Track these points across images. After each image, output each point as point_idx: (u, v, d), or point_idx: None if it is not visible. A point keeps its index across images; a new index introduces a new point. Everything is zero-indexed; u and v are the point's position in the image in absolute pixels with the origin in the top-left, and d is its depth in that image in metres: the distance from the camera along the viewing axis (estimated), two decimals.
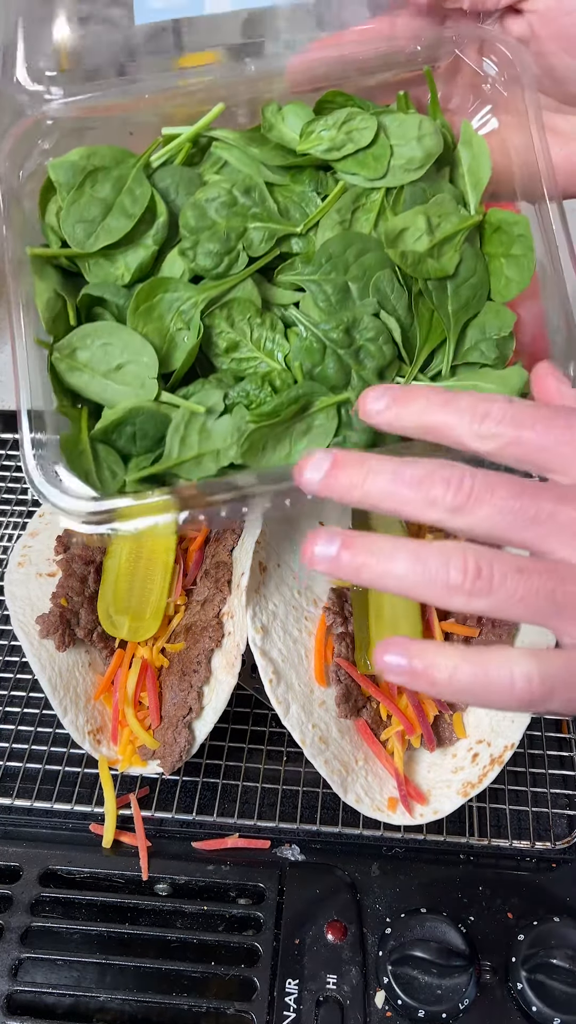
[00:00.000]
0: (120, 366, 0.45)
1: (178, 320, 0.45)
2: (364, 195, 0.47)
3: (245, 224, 0.46)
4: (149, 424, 0.44)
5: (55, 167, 0.46)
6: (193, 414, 0.44)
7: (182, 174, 0.47)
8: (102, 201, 0.46)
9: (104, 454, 0.44)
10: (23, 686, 0.60)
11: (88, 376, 0.45)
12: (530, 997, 0.45)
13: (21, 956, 0.48)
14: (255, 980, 0.47)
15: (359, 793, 0.51)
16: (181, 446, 0.44)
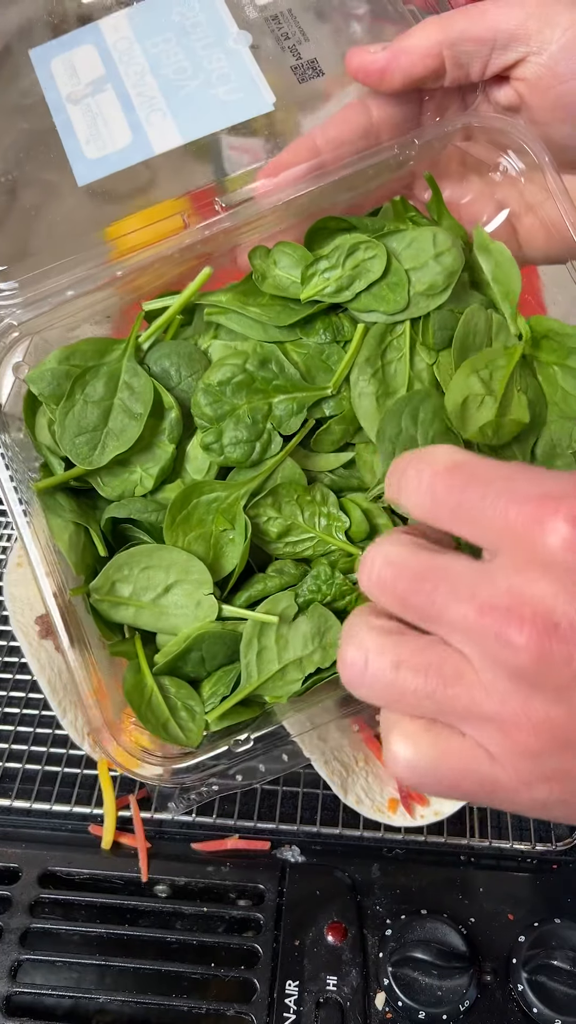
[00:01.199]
0: (168, 588, 0.40)
1: (221, 521, 0.40)
2: (388, 331, 0.41)
3: (269, 400, 0.40)
4: (218, 646, 0.39)
5: (34, 379, 0.40)
6: (265, 624, 0.39)
7: (179, 350, 0.41)
8: (97, 404, 0.40)
9: (175, 690, 0.40)
10: (22, 687, 0.60)
11: (135, 609, 0.40)
12: (531, 998, 0.45)
13: (20, 957, 0.48)
14: (255, 981, 0.47)
15: (359, 794, 0.51)
16: (259, 662, 0.39)
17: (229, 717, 0.39)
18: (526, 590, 0.26)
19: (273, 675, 0.39)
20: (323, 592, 0.40)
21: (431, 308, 0.41)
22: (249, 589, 0.40)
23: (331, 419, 0.41)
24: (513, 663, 0.25)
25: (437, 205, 0.44)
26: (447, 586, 0.27)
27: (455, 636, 0.27)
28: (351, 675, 0.28)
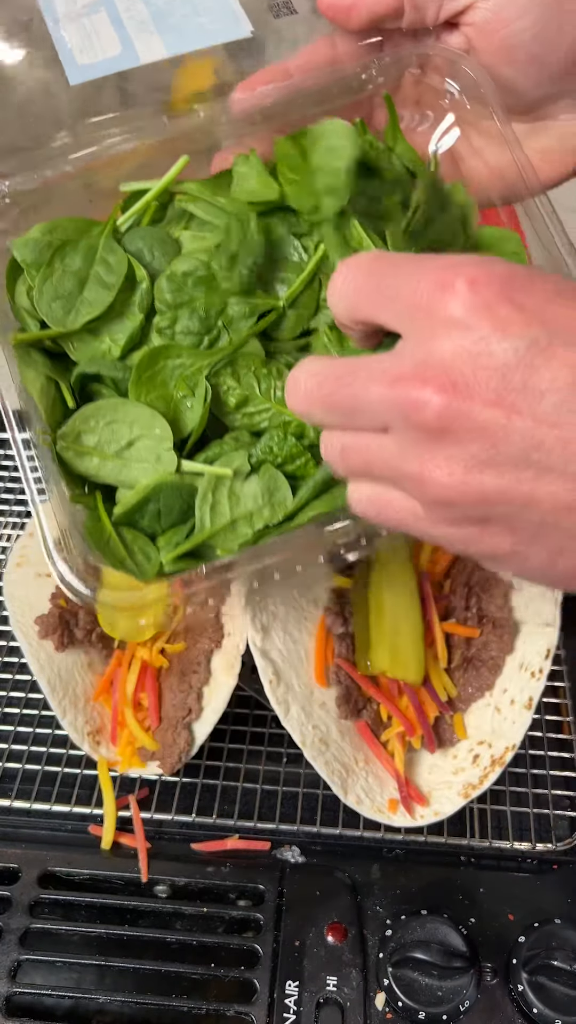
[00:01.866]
0: (131, 443, 0.43)
1: (182, 386, 0.43)
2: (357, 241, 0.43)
3: (224, 300, 0.44)
4: (173, 498, 0.42)
5: (19, 246, 0.43)
6: (219, 479, 0.42)
7: (153, 235, 0.45)
8: (75, 274, 0.44)
9: (131, 539, 0.42)
10: (22, 687, 0.59)
11: (98, 460, 0.43)
12: (531, 999, 0.45)
13: (20, 958, 0.48)
14: (255, 982, 0.47)
15: (359, 794, 0.51)
16: (212, 515, 0.42)
17: (182, 563, 0.42)
18: (430, 357, 0.30)
19: (224, 527, 0.42)
20: (275, 453, 0.43)
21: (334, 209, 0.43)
22: (206, 452, 0.43)
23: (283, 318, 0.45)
24: (422, 423, 0.30)
25: (392, 127, 0.47)
26: (364, 374, 0.32)
27: (377, 417, 0.32)
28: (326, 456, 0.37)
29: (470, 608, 0.56)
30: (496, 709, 0.53)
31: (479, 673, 0.54)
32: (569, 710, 0.58)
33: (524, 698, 0.52)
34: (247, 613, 0.52)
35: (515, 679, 0.53)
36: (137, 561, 0.42)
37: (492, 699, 0.53)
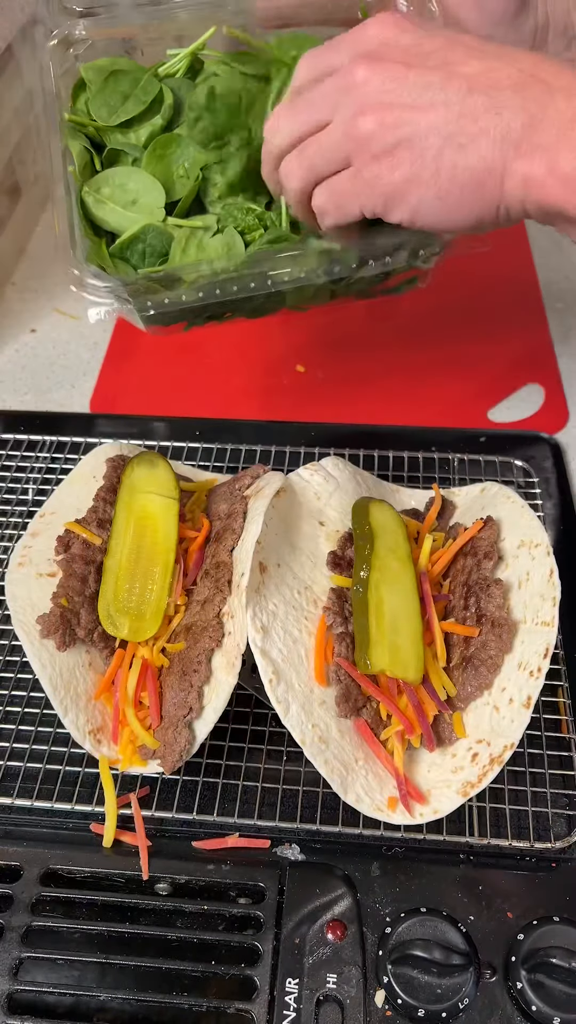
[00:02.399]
0: (135, 200, 0.59)
1: (182, 170, 0.60)
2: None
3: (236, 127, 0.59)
4: (157, 241, 0.58)
5: (87, 68, 0.61)
6: (192, 232, 0.58)
7: (183, 83, 0.61)
8: (122, 93, 0.61)
9: (120, 267, 0.58)
10: (24, 686, 0.60)
11: (110, 208, 0.59)
12: (530, 996, 0.45)
13: (22, 956, 0.48)
14: (255, 979, 0.47)
15: (359, 793, 0.51)
16: (182, 255, 0.57)
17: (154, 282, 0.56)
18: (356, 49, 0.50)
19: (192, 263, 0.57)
20: (237, 220, 0.59)
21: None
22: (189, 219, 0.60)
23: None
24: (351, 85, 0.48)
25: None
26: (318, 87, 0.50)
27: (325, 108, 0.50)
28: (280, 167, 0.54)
29: (469, 607, 0.56)
30: (495, 708, 0.53)
31: (478, 672, 0.54)
32: (567, 709, 0.58)
33: (523, 697, 0.52)
34: (247, 612, 0.52)
35: (514, 678, 0.53)
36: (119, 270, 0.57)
37: (491, 698, 0.53)
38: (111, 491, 0.63)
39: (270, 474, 0.62)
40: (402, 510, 0.66)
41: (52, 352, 0.87)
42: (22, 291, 0.94)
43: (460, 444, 0.75)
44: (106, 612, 0.57)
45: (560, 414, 0.79)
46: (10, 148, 0.92)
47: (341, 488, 0.63)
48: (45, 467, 0.73)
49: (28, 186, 0.99)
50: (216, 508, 0.64)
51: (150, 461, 0.64)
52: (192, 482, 0.68)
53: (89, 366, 0.86)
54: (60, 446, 0.75)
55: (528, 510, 0.60)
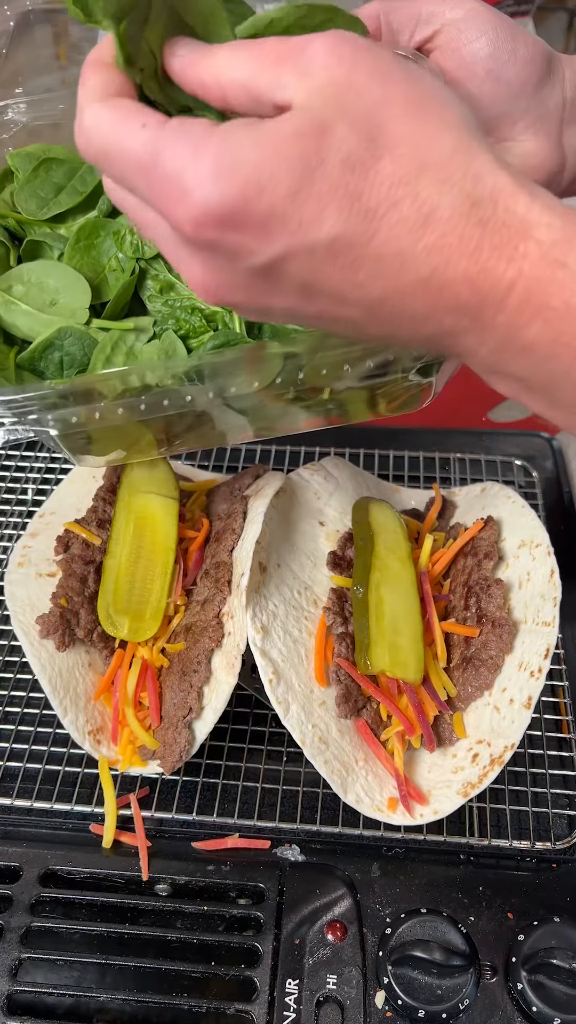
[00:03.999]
0: (54, 301, 0.48)
1: (115, 262, 0.49)
2: None
3: None
4: (77, 347, 0.46)
5: (13, 156, 0.52)
6: (122, 337, 0.46)
7: None
8: (55, 185, 0.51)
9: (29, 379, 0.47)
10: (23, 686, 0.60)
11: (22, 309, 0.48)
12: (530, 997, 0.45)
13: (21, 956, 0.48)
14: (255, 980, 0.47)
15: (359, 793, 0.51)
16: (105, 364, 0.46)
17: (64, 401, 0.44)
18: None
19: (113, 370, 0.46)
20: (180, 323, 0.47)
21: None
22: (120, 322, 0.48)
23: None
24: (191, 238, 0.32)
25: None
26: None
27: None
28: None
29: (469, 608, 0.56)
30: (495, 708, 0.53)
31: (478, 672, 0.54)
32: (568, 709, 0.58)
33: (523, 697, 0.52)
34: (247, 612, 0.52)
35: (514, 678, 0.53)
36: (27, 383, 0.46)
37: (491, 698, 0.53)
38: (111, 491, 0.63)
39: (270, 474, 0.62)
40: (402, 510, 0.66)
41: None
42: None
43: (460, 444, 0.75)
44: (106, 612, 0.57)
45: None
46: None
47: (341, 488, 0.63)
48: (45, 467, 0.73)
49: None
50: (216, 508, 0.64)
51: (150, 461, 0.64)
52: (192, 482, 0.68)
53: None
54: None
55: (528, 510, 0.59)
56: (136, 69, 0.32)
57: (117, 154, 0.31)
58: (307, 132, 0.29)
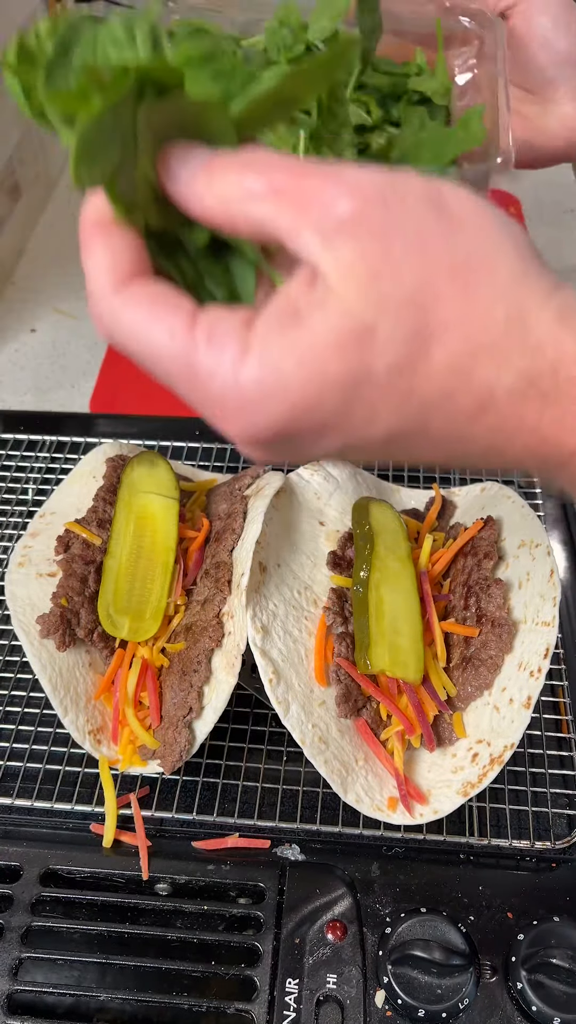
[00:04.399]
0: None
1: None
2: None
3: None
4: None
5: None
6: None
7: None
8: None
9: None
10: (23, 686, 0.60)
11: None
12: (530, 997, 0.45)
13: (21, 956, 0.48)
14: (255, 979, 0.47)
15: (359, 793, 0.51)
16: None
17: None
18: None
19: None
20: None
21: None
22: None
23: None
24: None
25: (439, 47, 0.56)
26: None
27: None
28: None
29: (469, 607, 0.56)
30: (495, 708, 0.53)
31: (478, 672, 0.54)
32: (567, 709, 0.58)
33: (523, 697, 0.52)
34: (247, 612, 0.52)
35: (514, 678, 0.53)
36: None
37: (491, 698, 0.53)
38: (111, 491, 0.63)
39: (270, 474, 0.62)
40: (402, 510, 0.66)
41: (52, 352, 0.87)
42: (22, 291, 0.94)
43: None
44: (106, 612, 0.57)
45: None
46: (10, 148, 0.92)
47: (341, 488, 0.63)
48: (45, 467, 0.73)
49: (28, 186, 0.99)
50: (216, 508, 0.64)
51: (150, 461, 0.64)
52: (192, 482, 0.68)
53: (89, 366, 0.86)
54: (60, 446, 0.75)
55: (529, 510, 0.59)
56: (137, 212, 0.28)
57: (145, 359, 0.29)
58: (348, 343, 0.26)
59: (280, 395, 0.27)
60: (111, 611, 0.57)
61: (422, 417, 0.28)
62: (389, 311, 0.26)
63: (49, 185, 1.05)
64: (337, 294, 0.26)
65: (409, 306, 0.26)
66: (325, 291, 0.27)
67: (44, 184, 1.04)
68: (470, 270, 0.27)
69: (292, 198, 0.27)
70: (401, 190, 0.27)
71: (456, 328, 0.27)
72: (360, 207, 0.26)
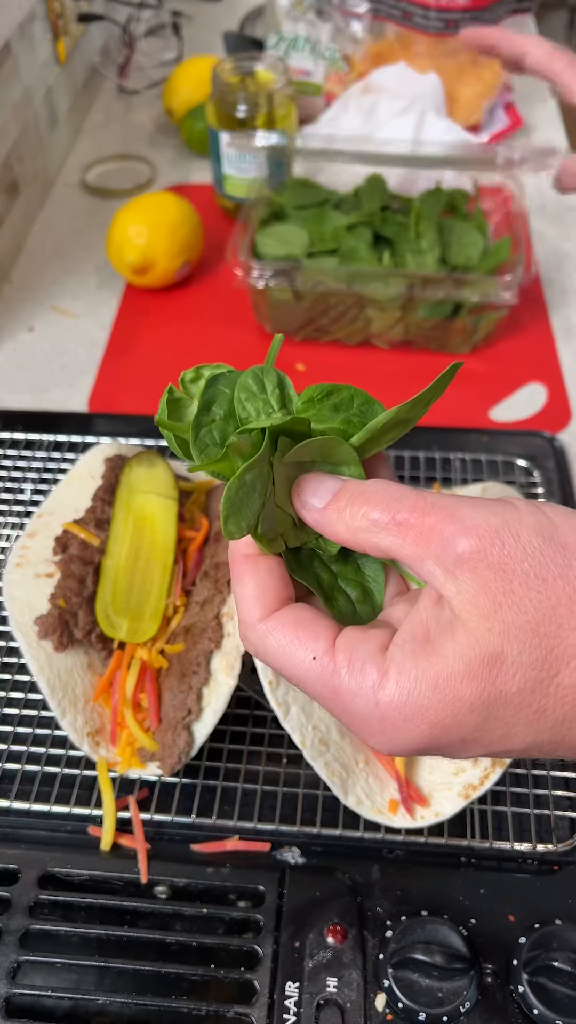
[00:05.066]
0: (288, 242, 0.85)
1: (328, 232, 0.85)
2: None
3: None
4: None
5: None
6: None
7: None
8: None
9: None
10: (21, 687, 0.59)
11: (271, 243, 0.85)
12: (532, 1000, 0.45)
13: (20, 959, 0.48)
14: (255, 983, 0.47)
15: (360, 795, 0.50)
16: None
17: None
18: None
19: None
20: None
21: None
22: None
23: None
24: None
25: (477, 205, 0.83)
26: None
27: None
28: None
29: None
30: None
31: None
32: None
33: None
34: None
35: None
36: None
37: None
38: (109, 491, 0.62)
39: None
40: None
41: (50, 350, 0.87)
42: (20, 289, 0.94)
43: (462, 443, 0.74)
44: (104, 613, 0.56)
45: (562, 413, 0.79)
46: (8, 145, 0.92)
47: None
48: (43, 466, 0.73)
49: (26, 183, 0.98)
50: (215, 508, 0.63)
51: (149, 460, 0.63)
52: (191, 481, 0.68)
53: (87, 364, 0.85)
54: (58, 445, 0.74)
55: None
56: (277, 539, 0.32)
57: (293, 679, 0.31)
58: (479, 670, 0.28)
59: (418, 717, 0.29)
60: (109, 612, 0.56)
61: (557, 732, 0.29)
62: (513, 638, 0.28)
63: (47, 183, 1.05)
64: (464, 622, 0.28)
65: (534, 634, 0.28)
66: (452, 617, 0.29)
67: (42, 182, 1.03)
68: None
69: (415, 533, 0.29)
70: (515, 527, 0.29)
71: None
72: (478, 544, 0.28)
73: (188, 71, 1.10)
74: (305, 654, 0.30)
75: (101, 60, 1.22)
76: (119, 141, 1.15)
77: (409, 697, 0.29)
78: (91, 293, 0.93)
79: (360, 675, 0.29)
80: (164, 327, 0.89)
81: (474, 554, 0.28)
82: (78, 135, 1.15)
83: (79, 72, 1.15)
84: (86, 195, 1.05)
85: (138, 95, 1.22)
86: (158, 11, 1.23)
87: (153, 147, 1.13)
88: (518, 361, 0.84)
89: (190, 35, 1.28)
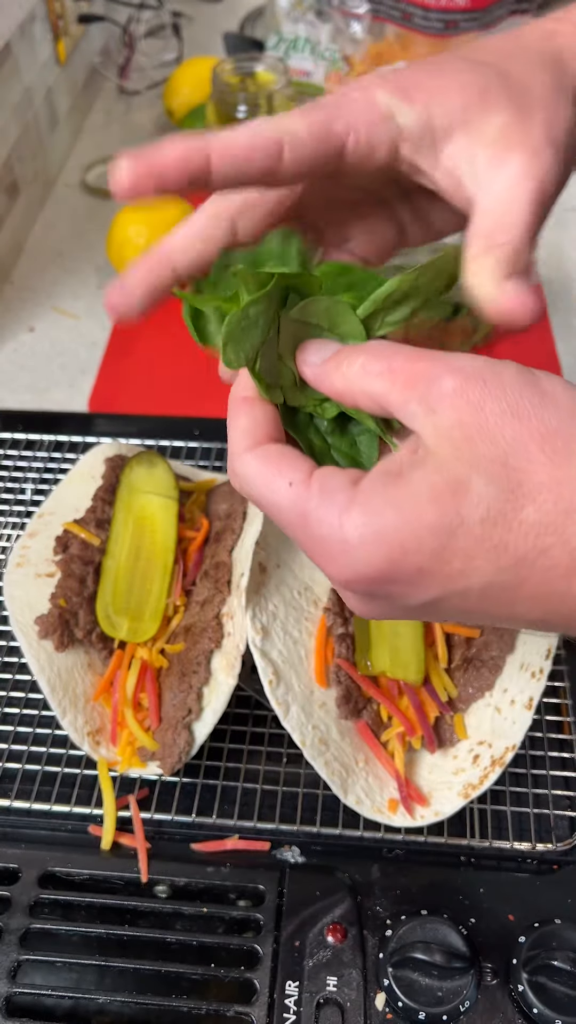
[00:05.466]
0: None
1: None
2: None
3: None
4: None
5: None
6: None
7: None
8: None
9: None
10: (22, 687, 0.59)
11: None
12: (531, 999, 0.45)
13: (20, 958, 0.48)
14: (255, 982, 0.47)
15: (359, 795, 0.51)
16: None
17: None
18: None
19: None
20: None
21: None
22: None
23: None
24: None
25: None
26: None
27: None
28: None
29: None
30: (496, 709, 0.52)
31: (479, 673, 0.54)
32: (569, 710, 0.58)
33: (524, 698, 0.51)
34: (247, 613, 0.52)
35: (515, 679, 0.53)
36: None
37: (492, 699, 0.53)
38: (110, 491, 0.62)
39: None
40: None
41: (50, 351, 0.87)
42: (20, 289, 0.94)
43: None
44: (104, 613, 0.56)
45: None
46: (8, 146, 0.92)
47: None
48: (43, 466, 0.73)
49: (26, 184, 0.98)
50: (215, 508, 0.63)
51: (149, 461, 0.63)
52: (191, 482, 0.68)
53: (88, 365, 0.85)
54: (58, 445, 0.75)
55: None
56: (276, 392, 0.34)
57: (269, 507, 0.32)
58: (443, 493, 0.28)
59: (378, 539, 0.29)
60: (110, 612, 0.56)
61: (517, 572, 0.29)
62: (482, 469, 0.28)
63: (47, 183, 1.05)
64: (433, 453, 0.29)
65: (502, 466, 0.28)
66: (425, 453, 0.29)
67: (42, 182, 1.03)
68: (561, 440, 0.29)
69: (404, 376, 0.30)
70: (499, 370, 0.30)
71: (548, 490, 0.28)
72: (461, 383, 0.29)
73: (188, 72, 1.11)
74: (283, 482, 0.31)
75: (101, 61, 1.22)
76: (119, 142, 1.15)
77: (371, 518, 0.29)
78: (92, 293, 0.93)
79: (329, 500, 0.30)
80: (164, 327, 0.89)
81: (455, 391, 0.29)
82: (78, 135, 1.16)
83: (79, 73, 1.15)
84: (86, 195, 1.06)
85: (138, 96, 1.22)
86: (158, 12, 1.23)
87: None
88: (518, 361, 0.84)
89: (190, 36, 1.28)
